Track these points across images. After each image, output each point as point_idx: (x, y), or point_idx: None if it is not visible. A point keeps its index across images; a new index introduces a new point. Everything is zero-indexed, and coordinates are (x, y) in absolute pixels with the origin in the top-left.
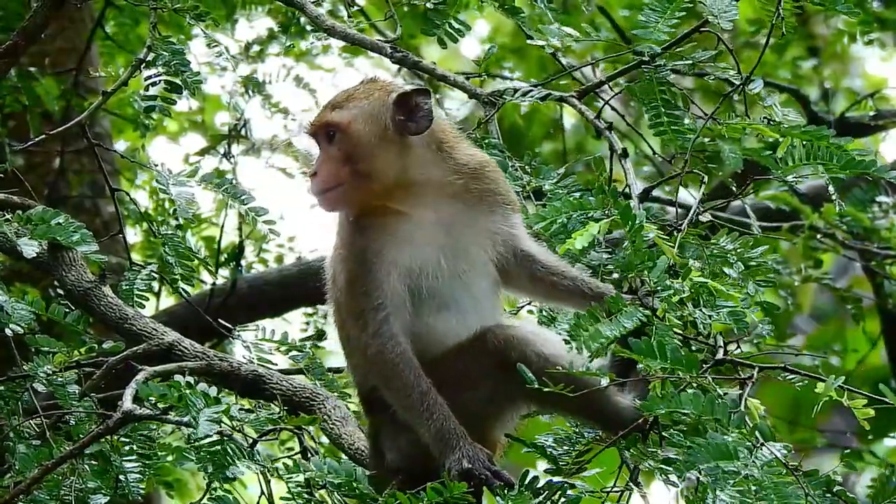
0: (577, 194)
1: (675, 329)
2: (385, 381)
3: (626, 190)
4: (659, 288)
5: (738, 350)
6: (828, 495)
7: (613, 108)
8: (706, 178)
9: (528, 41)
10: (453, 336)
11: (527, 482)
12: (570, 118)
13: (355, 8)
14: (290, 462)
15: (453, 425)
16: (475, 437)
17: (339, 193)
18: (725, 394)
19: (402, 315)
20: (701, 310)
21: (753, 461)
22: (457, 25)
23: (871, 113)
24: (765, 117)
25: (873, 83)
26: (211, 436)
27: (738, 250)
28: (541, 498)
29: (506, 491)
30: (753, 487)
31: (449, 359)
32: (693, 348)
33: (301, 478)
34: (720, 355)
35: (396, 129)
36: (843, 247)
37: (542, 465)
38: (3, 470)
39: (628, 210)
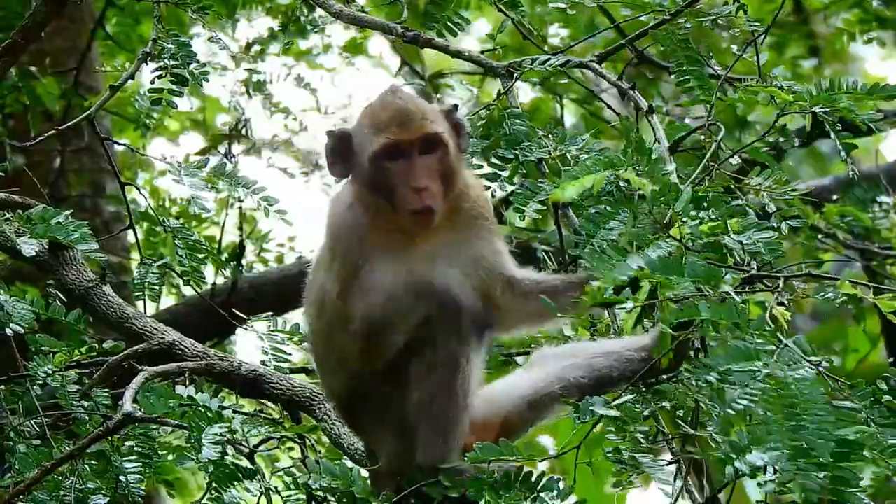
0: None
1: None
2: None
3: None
4: (685, 218)
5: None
6: (876, 406)
7: (612, 109)
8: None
9: (525, 39)
10: None
11: (520, 479)
12: (570, 117)
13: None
14: (288, 478)
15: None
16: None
17: (439, 209)
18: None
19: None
20: (731, 236)
21: (775, 361)
22: (456, 20)
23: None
24: (775, 84)
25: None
26: (214, 459)
27: (772, 187)
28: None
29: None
30: (774, 388)
31: None
32: (725, 274)
33: (300, 495)
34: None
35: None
36: (844, 246)
37: (542, 464)
38: (4, 470)
39: (642, 142)
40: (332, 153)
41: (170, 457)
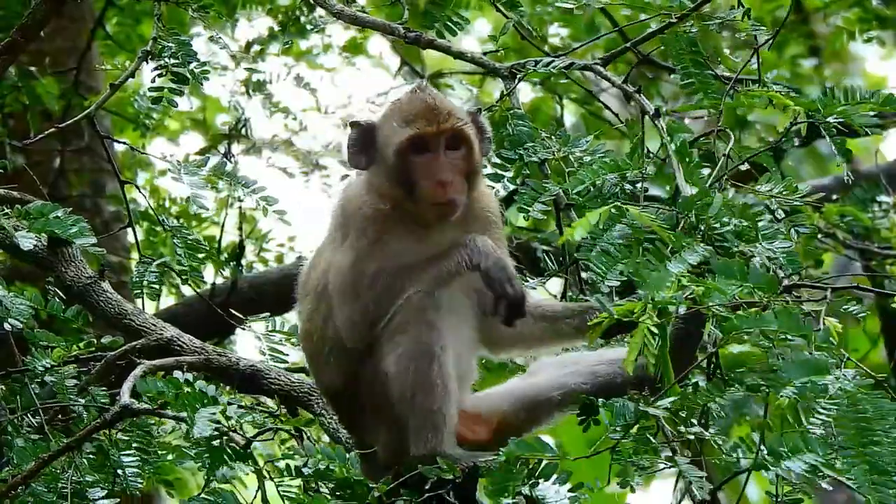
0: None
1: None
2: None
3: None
4: (717, 225)
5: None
6: None
7: (611, 110)
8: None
9: (523, 39)
10: None
11: (517, 465)
12: (570, 116)
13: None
14: (283, 465)
15: None
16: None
17: (461, 204)
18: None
19: None
20: (760, 243)
21: (843, 376)
22: (456, 19)
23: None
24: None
25: (873, 82)
26: (206, 437)
27: (783, 193)
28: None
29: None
30: (846, 402)
31: None
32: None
33: (295, 482)
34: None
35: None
36: (844, 246)
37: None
38: (2, 464)
39: (684, 146)
40: (354, 144)
41: (169, 457)
